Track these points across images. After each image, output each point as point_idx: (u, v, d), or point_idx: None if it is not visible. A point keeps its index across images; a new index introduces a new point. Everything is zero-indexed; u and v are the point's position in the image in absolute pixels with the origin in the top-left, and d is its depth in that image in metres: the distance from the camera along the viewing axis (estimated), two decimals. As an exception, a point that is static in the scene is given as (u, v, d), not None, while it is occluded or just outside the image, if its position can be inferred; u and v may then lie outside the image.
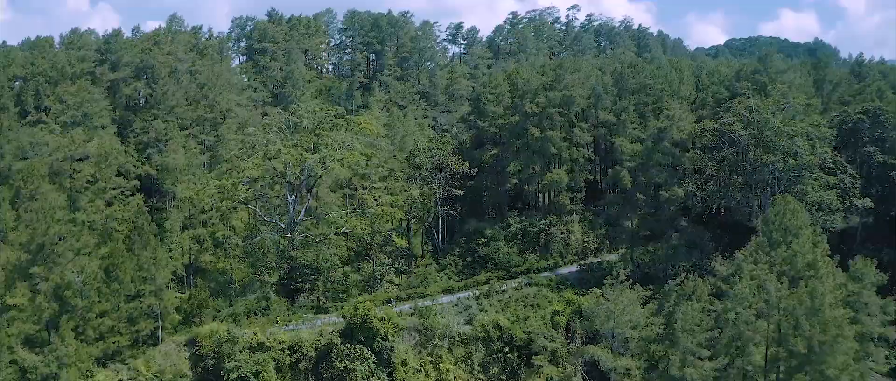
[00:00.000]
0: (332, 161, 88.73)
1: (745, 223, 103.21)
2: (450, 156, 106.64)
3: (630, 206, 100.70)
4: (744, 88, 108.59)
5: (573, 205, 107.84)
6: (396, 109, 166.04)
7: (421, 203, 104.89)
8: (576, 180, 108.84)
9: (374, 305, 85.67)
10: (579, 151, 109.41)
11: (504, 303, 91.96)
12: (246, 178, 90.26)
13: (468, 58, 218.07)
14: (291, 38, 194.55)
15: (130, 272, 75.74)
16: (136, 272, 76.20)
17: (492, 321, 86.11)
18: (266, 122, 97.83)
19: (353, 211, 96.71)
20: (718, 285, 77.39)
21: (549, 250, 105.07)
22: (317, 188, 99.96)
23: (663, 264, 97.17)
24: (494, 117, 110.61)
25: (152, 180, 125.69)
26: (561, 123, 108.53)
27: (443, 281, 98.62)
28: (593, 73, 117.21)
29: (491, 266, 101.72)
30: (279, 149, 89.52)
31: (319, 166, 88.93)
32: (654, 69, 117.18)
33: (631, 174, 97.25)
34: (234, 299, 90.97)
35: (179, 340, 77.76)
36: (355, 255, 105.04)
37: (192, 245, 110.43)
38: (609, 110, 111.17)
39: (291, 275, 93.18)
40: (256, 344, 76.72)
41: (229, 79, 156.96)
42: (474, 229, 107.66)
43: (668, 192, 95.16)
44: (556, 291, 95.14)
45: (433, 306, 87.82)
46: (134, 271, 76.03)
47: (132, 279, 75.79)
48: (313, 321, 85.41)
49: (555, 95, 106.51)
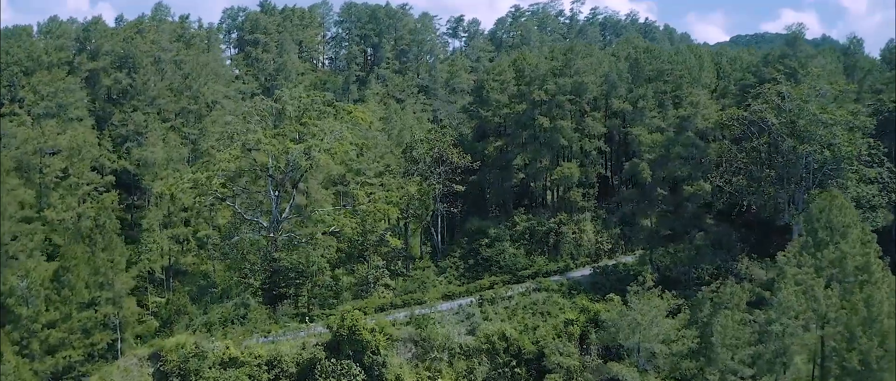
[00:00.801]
0: (319, 152, 79.22)
1: (773, 221, 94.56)
2: (450, 148, 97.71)
3: (649, 202, 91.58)
4: (772, 73, 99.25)
5: (585, 202, 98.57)
6: (394, 102, 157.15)
7: (418, 200, 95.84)
8: (588, 175, 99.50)
9: (367, 313, 76.80)
10: (592, 143, 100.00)
11: (510, 310, 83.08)
12: (221, 171, 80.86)
13: (469, 51, 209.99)
14: (285, 29, 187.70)
15: (85, 277, 66.29)
16: (92, 277, 66.78)
17: (497, 331, 76.94)
18: (247, 110, 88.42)
19: (342, 208, 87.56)
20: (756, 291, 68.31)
21: (559, 251, 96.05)
22: (304, 184, 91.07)
23: (685, 266, 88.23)
24: (499, 106, 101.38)
25: (131, 176, 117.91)
26: (572, 112, 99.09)
27: (442, 286, 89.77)
28: (606, 58, 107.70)
29: (495, 269, 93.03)
30: (259, 138, 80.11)
31: (303, 158, 79.53)
32: (672, 55, 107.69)
33: (650, 168, 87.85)
34: (208, 306, 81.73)
35: (142, 354, 68.33)
36: (347, 257, 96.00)
37: (172, 246, 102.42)
38: (623, 99, 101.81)
39: (274, 279, 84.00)
40: (229, 359, 67.35)
41: (216, 69, 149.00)
42: (477, 229, 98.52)
43: (693, 186, 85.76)
44: (568, 296, 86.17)
45: (431, 314, 79.17)
46: (89, 276, 66.60)
47: (86, 285, 66.33)
48: (297, 332, 76.26)
49: (565, 81, 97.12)
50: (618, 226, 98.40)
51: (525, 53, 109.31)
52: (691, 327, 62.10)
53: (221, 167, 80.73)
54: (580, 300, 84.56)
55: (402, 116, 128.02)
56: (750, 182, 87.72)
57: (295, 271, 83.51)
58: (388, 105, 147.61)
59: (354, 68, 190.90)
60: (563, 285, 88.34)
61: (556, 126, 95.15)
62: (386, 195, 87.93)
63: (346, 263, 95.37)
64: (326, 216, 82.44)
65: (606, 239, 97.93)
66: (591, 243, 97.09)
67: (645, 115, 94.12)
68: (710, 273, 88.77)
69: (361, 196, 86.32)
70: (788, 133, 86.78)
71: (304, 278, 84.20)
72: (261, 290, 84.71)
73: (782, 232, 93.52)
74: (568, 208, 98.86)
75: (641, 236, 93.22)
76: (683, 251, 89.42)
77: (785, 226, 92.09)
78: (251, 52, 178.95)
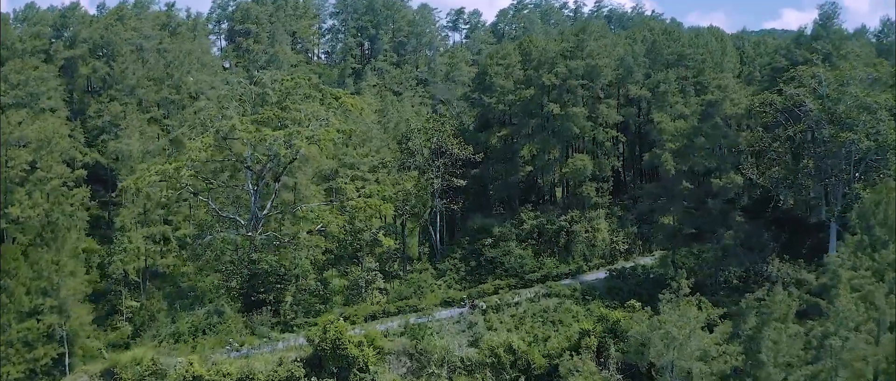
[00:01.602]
0: (301, 140, 69.95)
1: (805, 219, 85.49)
2: (450, 138, 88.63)
3: (671, 198, 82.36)
4: (804, 56, 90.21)
5: (599, 198, 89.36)
6: (391, 95, 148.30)
7: (415, 195, 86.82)
8: (602, 168, 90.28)
9: (355, 322, 68.07)
10: (606, 133, 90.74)
11: (518, 319, 74.32)
12: (191, 161, 71.67)
13: (470, 43, 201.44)
14: (277, 19, 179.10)
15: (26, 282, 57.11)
16: (34, 282, 57.59)
17: (503, 343, 67.78)
18: (223, 94, 79.34)
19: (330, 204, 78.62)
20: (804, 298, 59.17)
21: (570, 252, 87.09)
22: (292, 178, 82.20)
23: (712, 269, 79.09)
24: (503, 92, 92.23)
25: (107, 171, 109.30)
26: (584, 98, 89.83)
27: (441, 291, 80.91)
28: (620, 41, 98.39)
29: (500, 272, 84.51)
30: (234, 125, 70.89)
31: (283, 147, 70.34)
32: (692, 38, 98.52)
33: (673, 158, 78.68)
34: (176, 314, 72.70)
35: (94, 370, 59.14)
36: (336, 259, 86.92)
37: (148, 246, 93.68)
38: (640, 85, 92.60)
39: (253, 283, 74.89)
40: (192, 377, 58.09)
41: (203, 59, 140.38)
42: (479, 227, 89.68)
43: (723, 179, 76.50)
44: (582, 303, 77.43)
45: (429, 323, 70.30)
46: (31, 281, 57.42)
47: (28, 291, 57.15)
48: (276, 343, 67.17)
49: (577, 64, 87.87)
50: (635, 224, 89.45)
51: (532, 36, 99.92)
52: (733, 341, 52.97)
53: (191, 157, 71.51)
54: (596, 307, 75.68)
55: (399, 109, 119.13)
56: (786, 174, 78.45)
57: (276, 274, 74.49)
58: (384, 97, 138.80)
59: (350, 61, 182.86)
60: (576, 289, 79.85)
61: (568, 113, 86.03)
62: (379, 189, 78.75)
63: (335, 265, 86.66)
64: (309, 213, 73.19)
65: (622, 239, 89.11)
66: (605, 243, 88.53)
67: (667, 100, 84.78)
68: (738, 276, 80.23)
69: (350, 190, 77.10)
70: (828, 120, 77.71)
71: (286, 283, 75.19)
72: (239, 295, 75.74)
73: (815, 230, 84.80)
74: (580, 204, 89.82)
75: (661, 236, 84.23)
76: (709, 252, 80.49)
77: (818, 223, 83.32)
78: (242, 43, 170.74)
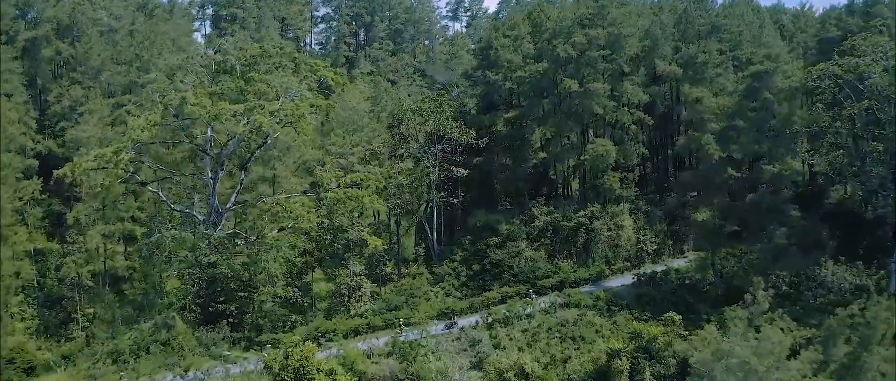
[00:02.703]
0: (263, 115, 57.09)
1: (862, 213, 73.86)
2: (449, 121, 76.02)
3: (708, 189, 69.76)
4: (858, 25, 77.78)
5: (624, 190, 76.67)
6: (385, 82, 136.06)
7: (409, 188, 74.19)
8: (627, 155, 77.55)
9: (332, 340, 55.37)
10: (632, 115, 77.90)
11: (530, 334, 61.96)
12: (132, 142, 58.99)
13: (472, 31, 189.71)
14: (265, 4, 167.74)
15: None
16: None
17: (513, 365, 55.37)
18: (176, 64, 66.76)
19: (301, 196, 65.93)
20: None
21: (589, 253, 74.32)
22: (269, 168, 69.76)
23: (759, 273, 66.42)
24: (511, 68, 79.47)
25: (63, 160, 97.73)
26: (606, 72, 76.96)
27: (438, 300, 68.18)
28: (646, 10, 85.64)
29: (508, 278, 72.26)
30: (183, 98, 58.16)
31: (241, 124, 57.62)
32: (727, 7, 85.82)
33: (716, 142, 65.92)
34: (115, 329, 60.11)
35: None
36: (318, 262, 74.30)
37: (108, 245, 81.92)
38: (669, 60, 79.81)
39: (211, 291, 62.21)
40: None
41: (178, 41, 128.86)
42: (483, 225, 77.32)
43: (778, 166, 63.64)
44: (607, 314, 64.91)
45: (422, 339, 57.68)
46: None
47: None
48: (234, 365, 54.53)
49: (597, 33, 74.97)
50: (665, 221, 76.78)
51: (543, 4, 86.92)
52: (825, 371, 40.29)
53: (131, 137, 58.81)
54: (624, 320, 62.95)
55: (393, 95, 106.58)
56: (852, 160, 65.76)
57: (238, 280, 61.83)
58: (377, 83, 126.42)
59: (344, 48, 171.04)
60: (599, 298, 67.35)
61: (588, 90, 73.15)
62: (361, 177, 65.92)
63: (316, 269, 74.08)
64: (275, 205, 60.42)
65: (650, 238, 76.33)
66: (630, 242, 75.81)
67: (706, 73, 71.83)
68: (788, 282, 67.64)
69: (328, 179, 64.25)
70: (895, 95, 65.15)
71: (251, 290, 62.50)
72: (195, 305, 63.07)
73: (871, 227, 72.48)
74: (601, 198, 77.05)
75: (698, 234, 71.63)
76: (757, 253, 67.82)
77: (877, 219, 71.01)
78: (226, 29, 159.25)
